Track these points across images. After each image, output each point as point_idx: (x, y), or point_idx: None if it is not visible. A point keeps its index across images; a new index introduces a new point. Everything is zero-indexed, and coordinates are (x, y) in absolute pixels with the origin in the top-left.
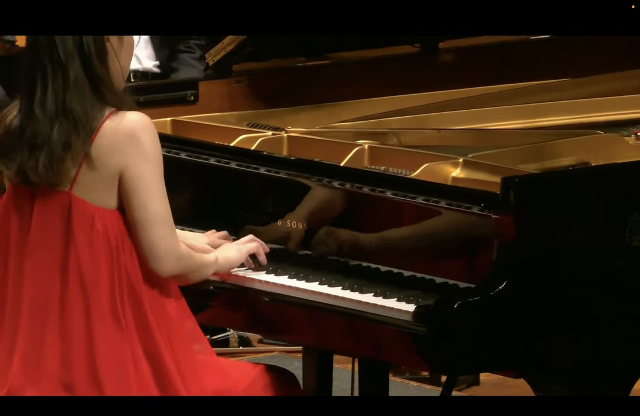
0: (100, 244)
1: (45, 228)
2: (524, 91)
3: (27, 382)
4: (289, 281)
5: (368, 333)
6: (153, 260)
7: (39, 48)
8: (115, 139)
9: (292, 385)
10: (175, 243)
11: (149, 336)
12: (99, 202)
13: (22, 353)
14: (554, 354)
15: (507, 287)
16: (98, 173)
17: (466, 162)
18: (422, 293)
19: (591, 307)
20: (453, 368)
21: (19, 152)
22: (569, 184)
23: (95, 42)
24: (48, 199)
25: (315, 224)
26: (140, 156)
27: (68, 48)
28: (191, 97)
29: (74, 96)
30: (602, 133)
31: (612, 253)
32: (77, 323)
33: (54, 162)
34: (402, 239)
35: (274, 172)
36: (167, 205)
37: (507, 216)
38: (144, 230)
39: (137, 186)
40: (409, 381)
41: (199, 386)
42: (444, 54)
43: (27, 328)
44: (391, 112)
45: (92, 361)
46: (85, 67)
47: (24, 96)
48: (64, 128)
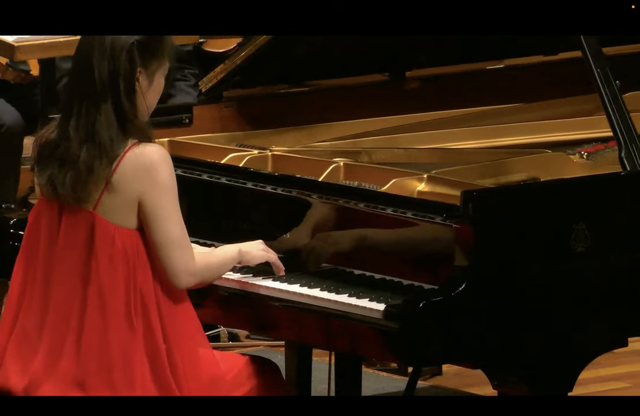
0: (119, 259)
1: (71, 241)
2: (481, 115)
3: (45, 377)
4: (272, 283)
5: (343, 329)
6: (171, 277)
7: (80, 78)
8: (136, 169)
9: (274, 373)
10: (190, 261)
11: (152, 341)
12: (119, 223)
13: (45, 351)
14: (506, 347)
15: (466, 288)
16: (120, 197)
17: (430, 178)
18: (391, 294)
19: (540, 305)
20: (418, 360)
21: (51, 165)
22: (521, 197)
23: (126, 82)
24: (74, 216)
25: (296, 232)
26: (157, 186)
27: (104, 83)
28: (186, 120)
29: (103, 125)
30: (550, 152)
31: (559, 258)
32: (95, 327)
33: (78, 183)
34: (373, 246)
35: (260, 186)
36: (183, 228)
37: (466, 225)
38: (162, 251)
39: (155, 213)
40: (379, 372)
41: (196, 377)
42: (410, 82)
43: (51, 329)
44: (364, 133)
45: (105, 362)
46: (115, 102)
47: (63, 116)
48: (90, 152)
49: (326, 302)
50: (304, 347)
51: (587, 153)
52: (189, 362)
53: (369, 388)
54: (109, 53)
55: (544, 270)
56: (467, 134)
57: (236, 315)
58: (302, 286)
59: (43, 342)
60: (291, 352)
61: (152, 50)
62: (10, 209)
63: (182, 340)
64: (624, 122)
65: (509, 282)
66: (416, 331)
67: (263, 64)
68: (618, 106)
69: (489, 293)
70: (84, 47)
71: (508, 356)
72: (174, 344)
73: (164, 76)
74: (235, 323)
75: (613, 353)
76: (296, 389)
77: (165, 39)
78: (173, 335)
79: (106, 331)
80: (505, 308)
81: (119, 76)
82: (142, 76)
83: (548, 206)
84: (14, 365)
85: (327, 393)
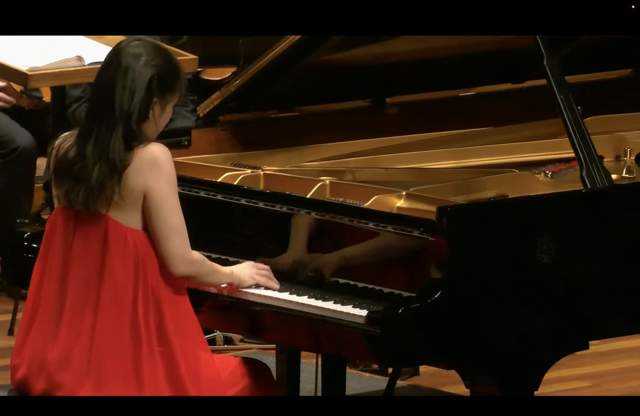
0: (130, 257)
1: (86, 243)
2: (455, 137)
3: (60, 368)
4: (264, 291)
5: (329, 333)
6: (169, 263)
7: (101, 105)
8: (140, 166)
9: (265, 374)
10: (188, 249)
11: (164, 335)
12: (128, 223)
13: (61, 345)
14: (478, 350)
15: (441, 296)
16: (128, 195)
17: (408, 195)
18: (373, 301)
19: (508, 313)
20: (398, 361)
21: (67, 181)
22: (492, 213)
23: (141, 111)
24: (88, 220)
25: (286, 245)
26: (160, 178)
27: (122, 111)
28: (185, 142)
29: (115, 146)
30: (517, 171)
31: (526, 268)
32: (110, 321)
33: (91, 200)
34: (356, 257)
35: (253, 203)
36: (182, 218)
37: (441, 238)
38: (163, 238)
39: (158, 203)
40: (362, 373)
41: (196, 377)
42: (390, 108)
43: (67, 325)
44: (348, 154)
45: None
46: (127, 128)
47: (81, 137)
48: (103, 170)
49: (313, 308)
50: (293, 350)
51: (552, 172)
52: (192, 361)
53: (352, 388)
54: (130, 84)
55: (512, 279)
56: (442, 155)
57: (231, 320)
58: (291, 294)
59: (59, 337)
60: (281, 354)
61: (169, 85)
62: (25, 223)
63: (185, 338)
64: (584, 144)
65: (481, 290)
66: (396, 335)
67: (256, 91)
68: (579, 130)
69: (462, 300)
70: (106, 77)
71: (479, 358)
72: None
73: (173, 105)
74: (230, 328)
75: (575, 355)
76: (286, 388)
77: (180, 75)
78: (178, 333)
79: (120, 325)
80: (476, 314)
81: (136, 106)
82: (157, 105)
83: (516, 220)
84: (33, 359)
85: (315, 392)
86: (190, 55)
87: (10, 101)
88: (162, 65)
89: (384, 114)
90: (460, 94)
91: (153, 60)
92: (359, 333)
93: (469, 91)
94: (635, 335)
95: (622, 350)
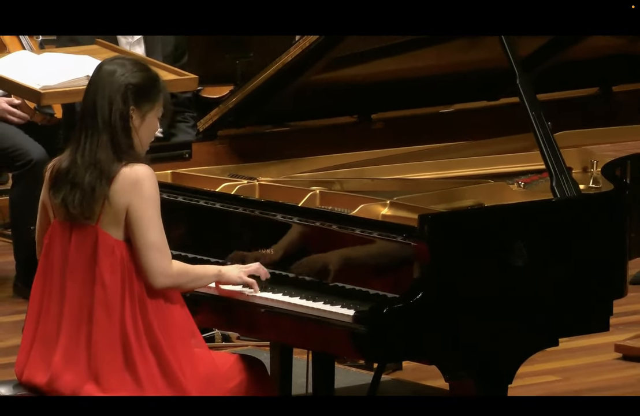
0: (117, 267)
1: (80, 255)
2: (435, 150)
3: (65, 369)
4: (259, 293)
5: (319, 332)
6: (149, 277)
7: (87, 116)
8: (124, 184)
9: (260, 369)
10: (167, 264)
11: (153, 336)
12: (116, 236)
13: (63, 347)
14: (456, 347)
15: (423, 297)
16: (113, 210)
17: (392, 204)
18: (359, 302)
19: (485, 312)
20: (382, 357)
21: (64, 188)
22: (469, 220)
23: (121, 119)
24: (82, 232)
25: (279, 250)
26: (141, 197)
27: (104, 120)
28: (186, 155)
29: (103, 153)
30: (493, 182)
31: (500, 271)
32: (103, 324)
33: (84, 202)
34: (344, 261)
35: (249, 211)
36: (163, 235)
37: (423, 243)
38: (143, 253)
39: (139, 221)
40: (349, 368)
41: (194, 372)
42: (375, 123)
43: (67, 328)
44: (336, 166)
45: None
46: (112, 135)
47: (72, 146)
48: (94, 175)
49: (304, 308)
50: (286, 347)
51: (524, 183)
52: (184, 357)
53: (340, 382)
54: (107, 94)
55: (488, 281)
56: (423, 166)
57: (228, 320)
58: (284, 295)
59: (60, 342)
60: (275, 351)
61: (144, 93)
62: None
63: (174, 338)
64: (554, 157)
65: (459, 291)
66: (380, 333)
67: (251, 108)
68: (550, 144)
69: (442, 301)
70: (91, 90)
71: (457, 355)
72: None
73: (157, 117)
74: (227, 326)
75: (546, 351)
76: (279, 382)
77: (157, 84)
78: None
79: (112, 327)
80: (455, 313)
81: (116, 114)
82: (135, 114)
83: (491, 227)
84: (38, 363)
85: (306, 386)
86: (191, 75)
87: (25, 117)
88: (138, 75)
89: (369, 129)
90: (440, 110)
91: (129, 72)
92: (347, 331)
93: (448, 108)
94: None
95: (590, 347)
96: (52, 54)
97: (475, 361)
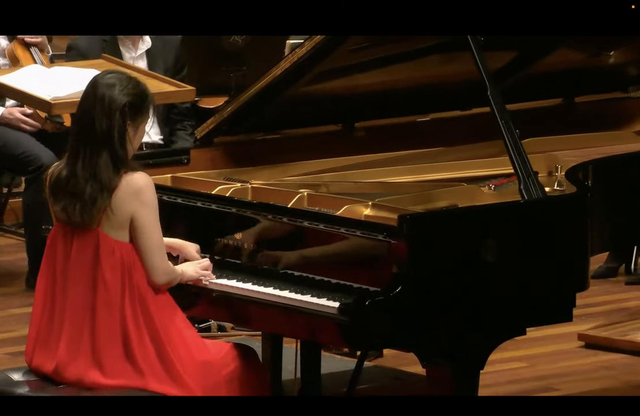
0: (118, 266)
1: (82, 257)
2: (413, 156)
3: (70, 360)
4: (252, 286)
5: (306, 322)
6: (153, 275)
7: (84, 128)
8: (127, 194)
9: (253, 356)
10: (166, 263)
11: (153, 327)
12: (116, 237)
13: (66, 340)
14: (432, 336)
15: (401, 290)
16: (116, 217)
17: (374, 205)
18: (344, 295)
19: (459, 304)
20: (365, 345)
21: (63, 197)
22: (445, 220)
23: (119, 134)
24: (83, 234)
25: (271, 247)
26: (143, 205)
27: (103, 134)
28: (185, 160)
29: (103, 167)
30: (466, 185)
31: (472, 267)
32: (105, 317)
33: (85, 213)
34: (330, 257)
35: (242, 211)
36: (162, 237)
37: (402, 241)
38: (148, 255)
39: (142, 227)
40: (335, 355)
41: (190, 359)
42: (358, 131)
43: (70, 324)
44: (323, 170)
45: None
46: (111, 149)
47: (71, 157)
48: (94, 188)
49: (293, 301)
50: (276, 336)
51: (494, 186)
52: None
53: (326, 368)
54: (106, 110)
55: (461, 276)
56: (403, 171)
57: (223, 311)
58: (274, 288)
59: (64, 334)
60: (266, 340)
61: (139, 109)
62: (49, 230)
63: (171, 329)
64: (522, 162)
65: (435, 285)
66: (363, 323)
67: (245, 117)
68: (518, 149)
69: (419, 294)
70: (86, 103)
71: (433, 343)
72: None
73: (146, 124)
74: (222, 318)
75: (514, 340)
76: (270, 369)
77: (148, 98)
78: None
79: (113, 321)
80: (431, 305)
81: (114, 129)
82: (130, 127)
83: (465, 226)
84: (43, 354)
85: (294, 372)
86: (189, 87)
87: (36, 126)
88: (133, 92)
89: (353, 136)
90: (417, 119)
91: (125, 89)
92: (332, 322)
93: (425, 117)
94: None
95: (554, 336)
96: (61, 67)
97: (450, 349)
